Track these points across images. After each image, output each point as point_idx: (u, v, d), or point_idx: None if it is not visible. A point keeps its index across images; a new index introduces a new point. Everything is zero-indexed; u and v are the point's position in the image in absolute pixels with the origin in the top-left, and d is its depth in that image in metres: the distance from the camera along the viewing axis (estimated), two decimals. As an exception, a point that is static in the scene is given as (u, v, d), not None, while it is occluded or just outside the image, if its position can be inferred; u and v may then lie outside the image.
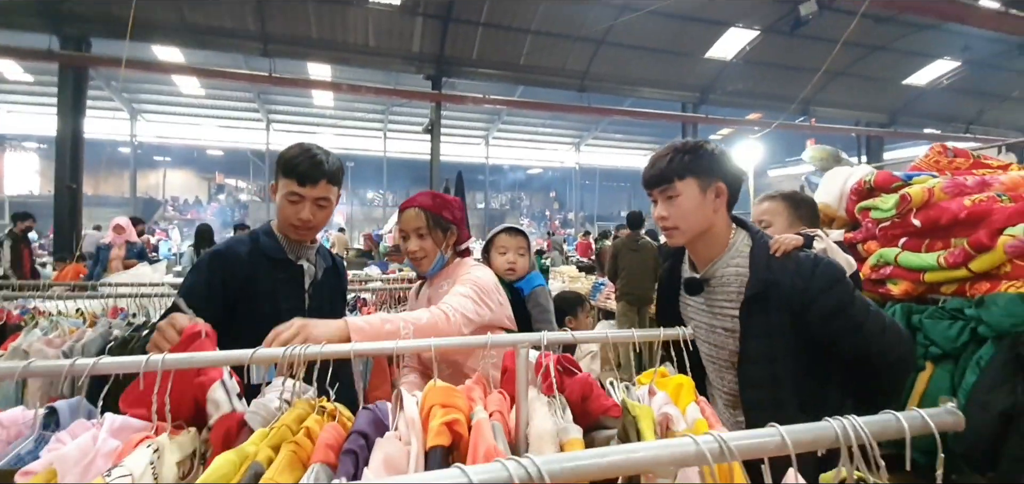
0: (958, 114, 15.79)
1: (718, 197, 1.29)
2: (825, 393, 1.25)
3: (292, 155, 1.46)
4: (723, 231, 1.33)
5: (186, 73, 12.20)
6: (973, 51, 12.50)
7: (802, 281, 1.20)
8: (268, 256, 1.49)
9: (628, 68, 12.18)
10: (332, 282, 1.66)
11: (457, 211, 1.70)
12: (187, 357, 0.82)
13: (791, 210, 1.82)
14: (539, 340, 0.96)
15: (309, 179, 1.44)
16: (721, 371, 1.37)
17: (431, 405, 0.84)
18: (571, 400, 0.99)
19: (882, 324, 1.21)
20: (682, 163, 1.27)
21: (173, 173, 25.13)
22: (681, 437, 0.53)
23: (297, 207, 1.46)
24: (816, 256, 1.25)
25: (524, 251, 2.02)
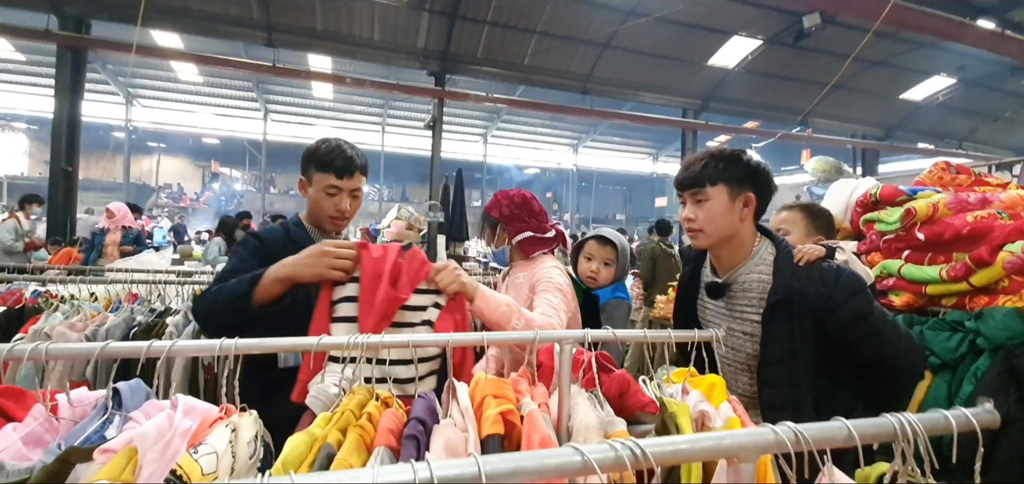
0: (952, 131, 16.02)
1: (746, 206, 1.35)
2: (838, 395, 1.32)
3: (327, 150, 1.52)
4: (748, 239, 1.39)
5: (187, 60, 12.10)
6: (968, 70, 12.70)
7: (826, 289, 1.26)
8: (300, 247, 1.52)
9: (631, 72, 12.25)
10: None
11: (505, 208, 1.79)
12: (257, 342, 0.85)
13: (808, 220, 1.88)
14: (583, 336, 1.01)
15: (346, 172, 1.51)
16: (735, 373, 1.42)
17: (484, 396, 0.88)
18: (609, 395, 1.04)
19: (898, 333, 1.29)
20: (717, 170, 1.32)
21: (167, 160, 24.89)
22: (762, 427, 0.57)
23: (335, 199, 1.52)
24: (838, 267, 1.32)
25: (611, 262, 2.02)
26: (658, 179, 27.78)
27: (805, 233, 1.84)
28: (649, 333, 1.09)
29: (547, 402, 0.95)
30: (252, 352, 0.82)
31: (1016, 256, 2.15)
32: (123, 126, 19.93)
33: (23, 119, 20.88)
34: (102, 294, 2.54)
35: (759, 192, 1.35)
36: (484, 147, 23.20)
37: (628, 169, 27.80)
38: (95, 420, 0.84)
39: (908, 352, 1.29)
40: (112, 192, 20.64)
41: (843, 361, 1.29)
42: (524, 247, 1.78)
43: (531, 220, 1.80)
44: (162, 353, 0.80)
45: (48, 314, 1.99)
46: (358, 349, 0.87)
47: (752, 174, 1.34)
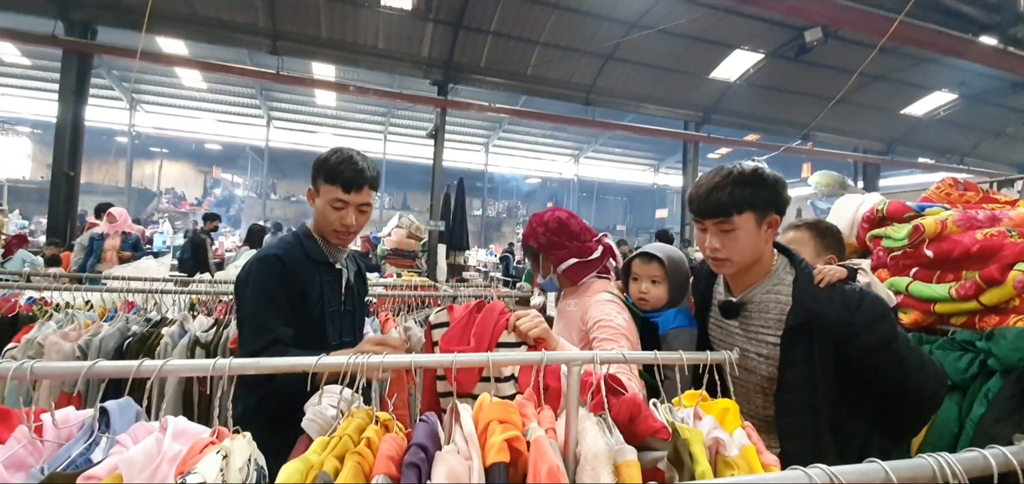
0: (953, 146, 16.02)
1: (771, 228, 1.29)
2: (855, 423, 1.26)
3: (336, 162, 1.47)
4: (768, 258, 1.34)
5: (193, 66, 12.13)
6: (970, 86, 12.72)
7: (848, 314, 1.20)
8: (314, 260, 1.51)
9: (634, 84, 12.27)
10: (360, 285, 1.70)
11: (542, 236, 1.70)
12: (253, 362, 0.81)
13: (817, 239, 1.81)
14: (592, 359, 0.97)
15: (354, 186, 1.47)
16: (749, 394, 1.37)
17: (488, 421, 0.84)
18: (618, 420, 1.00)
19: (921, 360, 1.24)
20: (743, 196, 1.23)
21: (169, 165, 24.94)
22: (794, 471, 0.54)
23: (341, 213, 1.48)
24: (862, 290, 1.26)
25: (659, 279, 1.79)
26: (659, 190, 27.76)
27: (815, 253, 1.76)
28: (660, 355, 1.05)
29: (554, 427, 0.91)
30: (247, 372, 0.78)
31: (1028, 275, 2.11)
32: (126, 131, 19.96)
33: (27, 123, 20.92)
34: (99, 302, 2.51)
35: (782, 211, 1.30)
36: (486, 156, 23.21)
37: (629, 180, 27.80)
38: (81, 442, 0.80)
39: (931, 380, 1.24)
40: (114, 196, 20.58)
41: (863, 388, 1.25)
42: (570, 275, 1.69)
43: (572, 244, 1.70)
44: (153, 373, 0.77)
45: (41, 323, 1.96)
46: (359, 369, 0.84)
47: (778, 195, 1.27)
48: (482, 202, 25.57)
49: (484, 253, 16.76)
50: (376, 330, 2.29)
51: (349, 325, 1.59)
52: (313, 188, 1.52)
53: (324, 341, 1.46)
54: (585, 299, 1.63)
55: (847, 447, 1.22)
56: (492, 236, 25.38)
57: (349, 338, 1.57)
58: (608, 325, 1.49)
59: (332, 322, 1.51)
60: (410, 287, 3.88)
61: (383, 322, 2.35)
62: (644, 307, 1.81)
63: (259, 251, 1.52)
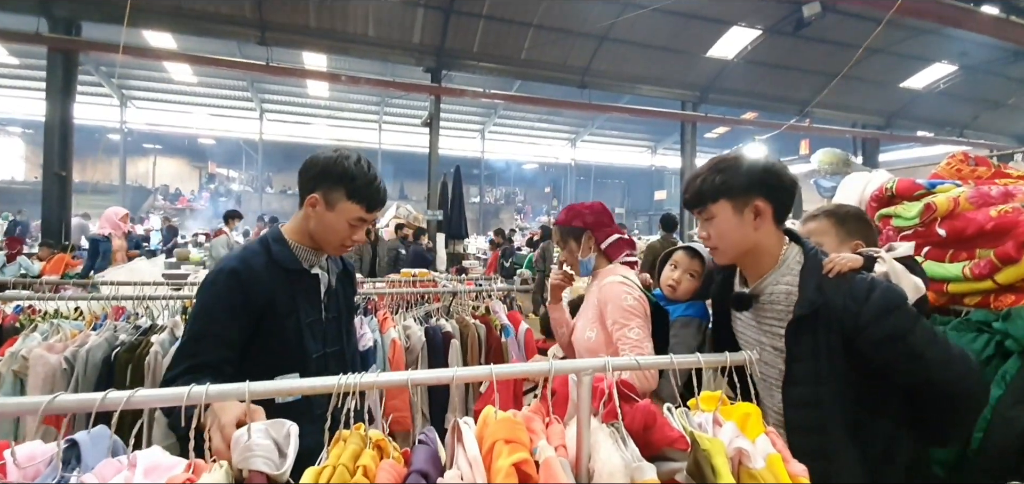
0: (952, 119, 15.89)
1: (758, 216, 1.24)
2: (877, 423, 1.20)
3: (363, 181, 1.37)
4: (772, 246, 1.28)
5: (180, 60, 11.95)
6: (970, 56, 12.57)
7: (855, 305, 1.13)
8: (284, 268, 1.38)
9: (629, 65, 12.11)
10: (345, 288, 1.57)
11: (589, 216, 1.80)
12: (233, 388, 0.74)
13: (838, 227, 1.67)
14: (604, 366, 0.90)
15: (377, 207, 1.40)
16: (771, 390, 1.31)
17: (494, 441, 0.78)
18: (632, 429, 0.93)
19: (947, 355, 1.14)
20: (714, 184, 1.24)
21: (164, 161, 24.72)
22: None
23: (358, 231, 1.40)
24: (873, 280, 1.17)
25: (696, 275, 1.90)
26: (657, 172, 27.62)
27: (838, 242, 1.63)
28: (676, 359, 0.98)
29: (564, 443, 0.84)
30: (224, 399, 0.71)
31: (1046, 252, 2.04)
32: (118, 128, 19.74)
33: (18, 123, 20.66)
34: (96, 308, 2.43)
35: (771, 196, 1.24)
36: (482, 143, 23.04)
37: (627, 163, 27.66)
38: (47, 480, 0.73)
39: (961, 377, 1.13)
40: (109, 195, 20.47)
41: (884, 385, 1.17)
42: (612, 251, 1.79)
43: (612, 227, 1.83)
44: (118, 406, 0.69)
45: (26, 334, 1.88)
46: (349, 389, 0.77)
47: (757, 181, 1.23)
48: (479, 189, 25.42)
49: (483, 240, 16.66)
50: (374, 330, 2.21)
51: (334, 334, 1.47)
52: (320, 196, 1.36)
53: (304, 355, 1.35)
54: (602, 277, 1.74)
55: (870, 446, 1.16)
56: (491, 223, 25.25)
57: (335, 348, 1.46)
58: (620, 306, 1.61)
59: (312, 333, 1.38)
60: (409, 281, 3.82)
61: (381, 321, 2.27)
62: (671, 296, 1.90)
63: (218, 262, 1.39)
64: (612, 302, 1.63)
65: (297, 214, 1.42)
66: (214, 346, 1.22)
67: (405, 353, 2.15)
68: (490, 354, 2.34)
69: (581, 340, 1.78)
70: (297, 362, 1.31)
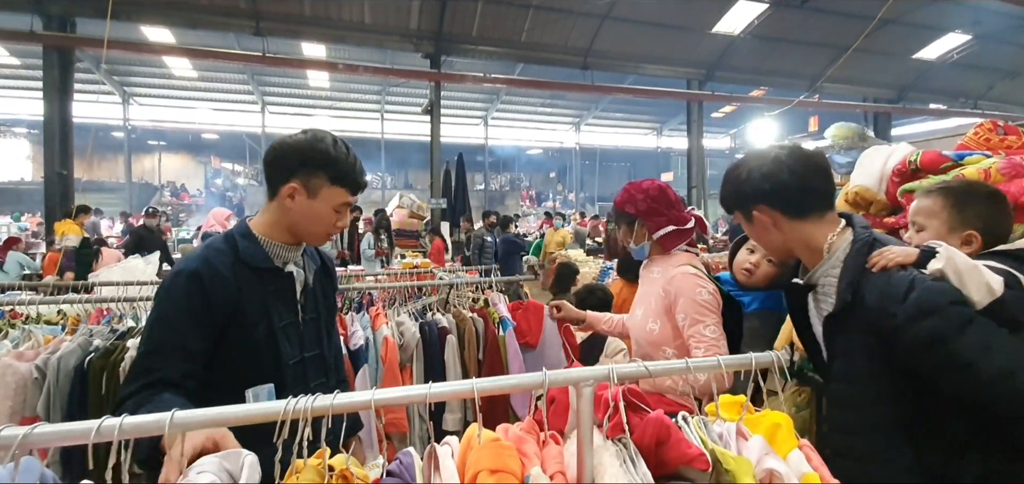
0: (967, 89, 15.48)
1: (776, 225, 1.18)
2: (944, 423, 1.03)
3: (346, 164, 1.25)
4: (810, 240, 1.17)
5: (174, 54, 11.81)
6: (984, 25, 12.18)
7: (891, 304, 1.00)
8: (252, 266, 1.23)
9: (632, 44, 11.84)
10: (324, 286, 1.43)
11: (641, 203, 1.69)
12: (155, 420, 0.62)
13: (953, 211, 1.36)
14: (607, 375, 0.76)
15: (361, 188, 1.30)
16: None
17: (477, 471, 0.65)
18: (643, 446, 0.80)
19: (1006, 367, 0.93)
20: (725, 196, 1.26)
21: (168, 157, 24.73)
22: None
23: (342, 217, 1.29)
24: (914, 277, 1.02)
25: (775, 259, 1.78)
26: (663, 154, 27.27)
27: (947, 228, 1.34)
28: (692, 363, 0.84)
29: (562, 469, 0.72)
30: (142, 435, 0.59)
31: (1088, 226, 1.88)
32: (121, 125, 19.72)
33: (23, 124, 20.68)
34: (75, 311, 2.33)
35: (769, 200, 1.16)
36: (485, 129, 22.80)
37: (632, 145, 27.32)
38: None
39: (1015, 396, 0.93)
40: (114, 193, 20.52)
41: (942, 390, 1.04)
42: (665, 242, 1.69)
43: (670, 211, 1.69)
44: (13, 443, 0.57)
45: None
46: (297, 416, 0.64)
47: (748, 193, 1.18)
48: (484, 176, 25.23)
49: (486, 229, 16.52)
50: (366, 326, 2.09)
51: (313, 337, 1.33)
52: (299, 184, 1.22)
53: (278, 362, 1.22)
54: (669, 267, 1.65)
55: (928, 456, 1.03)
56: (496, 210, 25.14)
57: (314, 351, 1.33)
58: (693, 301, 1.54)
59: (286, 337, 1.25)
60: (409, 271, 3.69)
61: (374, 317, 2.16)
62: (747, 281, 1.82)
63: (177, 263, 1.26)
64: (685, 296, 1.55)
65: (268, 206, 1.27)
66: (173, 360, 1.09)
67: (399, 351, 2.04)
68: (487, 349, 2.22)
69: (641, 332, 1.68)
70: (271, 370, 1.19)
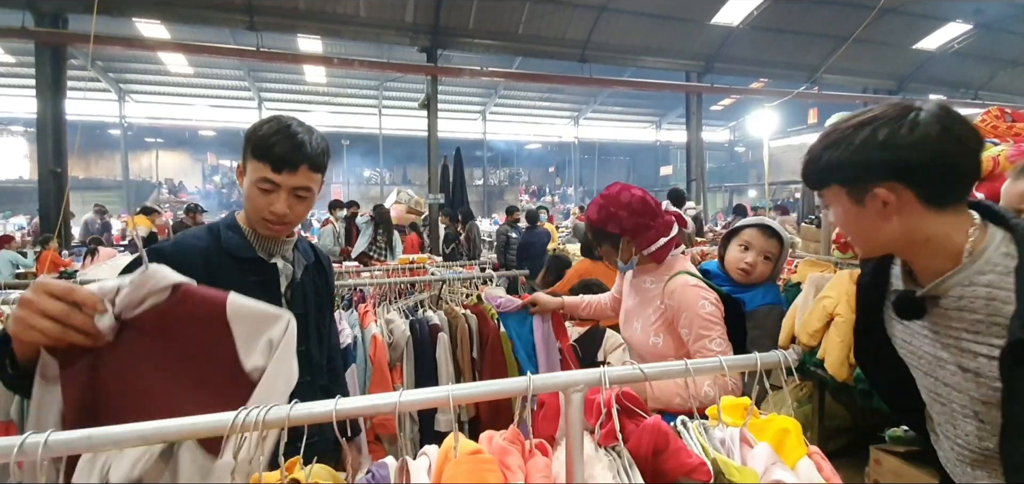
0: (968, 79, 15.37)
1: (888, 205, 0.86)
2: None
3: (266, 133, 1.17)
4: (942, 237, 0.88)
5: (168, 49, 11.73)
6: (985, 14, 12.08)
7: None
8: (232, 255, 1.22)
9: (630, 36, 11.74)
10: (315, 283, 1.39)
11: (626, 220, 1.53)
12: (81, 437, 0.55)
13: None
14: (599, 379, 0.70)
15: (287, 164, 1.16)
16: (953, 418, 0.97)
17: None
18: (639, 454, 0.73)
19: None
20: (821, 165, 0.91)
21: (166, 154, 24.61)
22: None
23: (270, 197, 1.18)
24: None
25: (772, 257, 1.76)
26: (662, 147, 27.17)
27: None
28: (692, 364, 0.78)
29: (550, 482, 0.65)
30: (70, 452, 0.53)
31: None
32: (118, 123, 19.62)
33: (20, 122, 20.55)
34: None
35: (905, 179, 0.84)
36: (483, 124, 22.69)
37: (631, 139, 27.21)
38: None
39: None
40: (112, 191, 20.45)
41: None
42: (656, 256, 1.58)
43: (656, 222, 1.56)
44: None
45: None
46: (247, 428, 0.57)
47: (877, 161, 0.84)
48: (483, 171, 25.14)
49: (488, 223, 16.47)
50: (354, 325, 2.03)
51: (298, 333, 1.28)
52: (241, 164, 1.24)
53: None
54: (663, 275, 1.56)
55: None
56: (495, 205, 25.02)
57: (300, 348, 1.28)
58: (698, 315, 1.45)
59: None
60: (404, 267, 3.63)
61: (362, 315, 2.10)
62: (742, 279, 1.76)
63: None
64: (688, 310, 1.46)
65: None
66: None
67: (388, 350, 1.98)
68: (486, 347, 2.16)
69: (643, 345, 1.57)
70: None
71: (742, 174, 25.43)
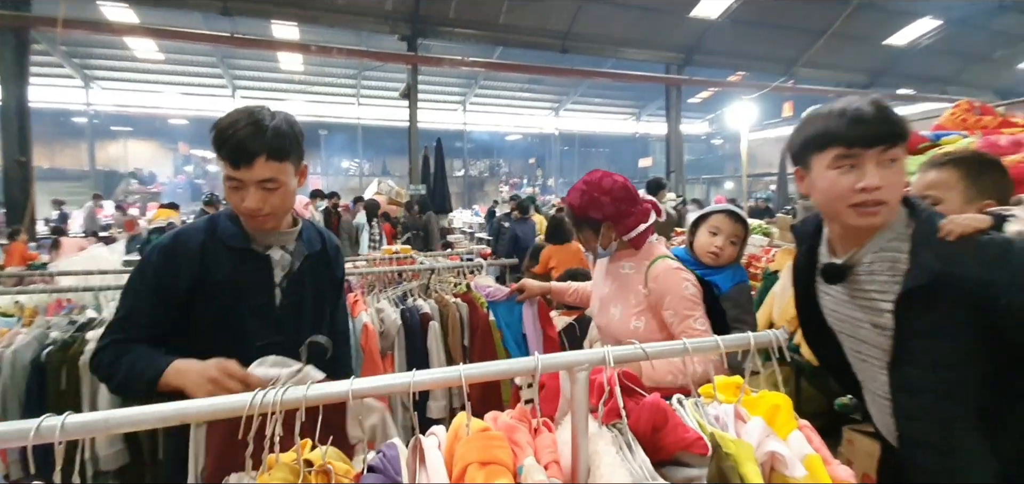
0: (937, 75, 15.87)
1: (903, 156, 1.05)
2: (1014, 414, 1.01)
3: (222, 127, 1.15)
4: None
5: (137, 34, 11.33)
6: (955, 10, 12.46)
7: (986, 272, 0.94)
8: (227, 245, 1.24)
9: (611, 27, 11.80)
10: (319, 272, 1.37)
11: (608, 206, 1.56)
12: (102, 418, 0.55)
13: (968, 181, 1.37)
14: (603, 358, 0.72)
15: (243, 159, 1.13)
16: (873, 371, 1.15)
17: (466, 464, 0.60)
18: (640, 431, 0.76)
19: None
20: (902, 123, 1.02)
21: (135, 144, 23.85)
22: None
23: (239, 194, 1.17)
24: (1008, 241, 0.98)
25: (738, 241, 1.86)
26: (641, 139, 27.39)
27: (964, 200, 1.35)
28: (690, 343, 0.81)
29: (557, 459, 0.68)
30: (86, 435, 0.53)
31: (1063, 203, 1.92)
32: (84, 111, 18.92)
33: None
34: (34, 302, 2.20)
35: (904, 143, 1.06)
36: (463, 115, 22.56)
37: (611, 130, 27.38)
38: None
39: None
40: (79, 181, 19.74)
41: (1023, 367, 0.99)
42: (636, 242, 1.61)
43: (636, 208, 1.60)
44: None
45: (-54, 336, 1.66)
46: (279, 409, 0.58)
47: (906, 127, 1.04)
48: (463, 162, 25.03)
49: (469, 214, 16.42)
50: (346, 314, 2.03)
51: (290, 321, 1.29)
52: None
53: (244, 341, 1.20)
54: (643, 262, 1.59)
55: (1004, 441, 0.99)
56: (476, 196, 24.96)
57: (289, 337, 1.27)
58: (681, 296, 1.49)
59: (258, 319, 1.24)
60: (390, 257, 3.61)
61: (352, 304, 2.09)
62: (712, 262, 1.84)
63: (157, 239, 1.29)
64: (672, 293, 1.50)
65: None
66: (140, 326, 1.18)
67: (379, 339, 1.98)
68: (475, 335, 2.17)
69: (623, 330, 1.58)
70: (236, 348, 1.14)
71: (719, 166, 25.83)
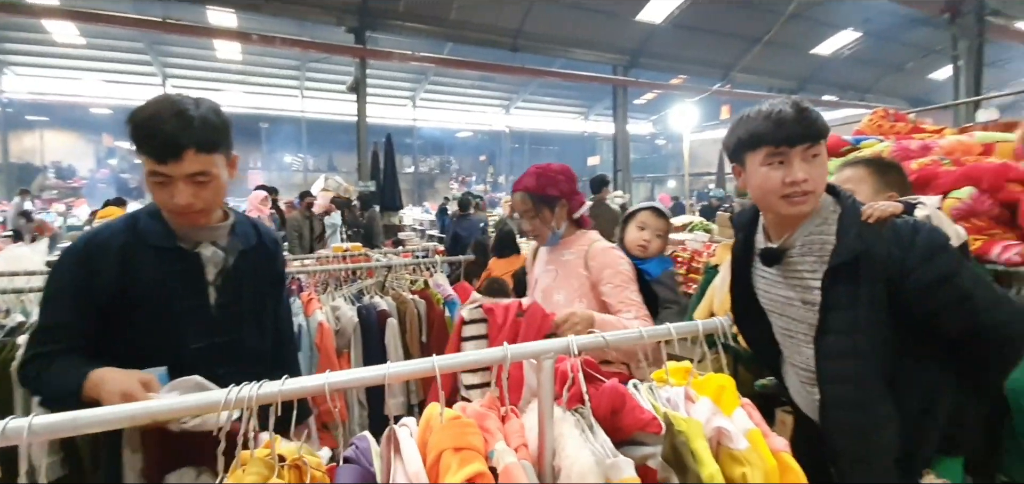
0: (857, 83, 17.14)
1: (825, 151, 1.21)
2: (921, 371, 1.16)
3: (141, 120, 1.07)
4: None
5: (55, 16, 10.43)
6: (874, 23, 13.47)
7: (900, 250, 1.09)
8: (151, 245, 1.14)
9: (561, 27, 11.99)
10: (257, 268, 1.29)
11: (564, 184, 1.73)
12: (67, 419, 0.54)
13: (877, 177, 1.65)
14: (568, 348, 0.77)
15: (169, 153, 1.06)
16: (798, 346, 1.28)
17: (441, 451, 0.63)
18: (600, 414, 0.81)
19: (994, 296, 1.11)
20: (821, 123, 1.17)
21: (52, 135, 21.95)
22: None
23: (167, 190, 1.09)
24: (916, 223, 1.14)
25: (662, 235, 2.03)
26: (589, 138, 27.95)
27: (874, 192, 1.60)
28: (646, 331, 0.87)
29: (525, 442, 0.71)
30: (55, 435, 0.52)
31: (962, 203, 2.15)
32: (-8, 99, 17.25)
33: None
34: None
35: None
36: (413, 110, 22.25)
37: (560, 129, 27.79)
38: None
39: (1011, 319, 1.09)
40: (-9, 174, 18.00)
41: (925, 335, 1.14)
42: (583, 221, 1.79)
43: (578, 190, 1.78)
44: None
45: None
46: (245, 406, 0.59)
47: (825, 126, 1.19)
48: (413, 159, 24.69)
49: (420, 211, 16.23)
50: (298, 312, 1.98)
51: (228, 322, 1.23)
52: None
53: (178, 346, 1.14)
54: (582, 245, 1.73)
55: (909, 399, 1.13)
56: (426, 193, 24.69)
57: (228, 337, 1.22)
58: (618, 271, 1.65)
59: (192, 321, 1.17)
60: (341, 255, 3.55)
61: (306, 302, 2.05)
62: (641, 255, 1.99)
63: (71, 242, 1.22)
64: (610, 267, 1.65)
65: None
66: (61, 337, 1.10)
67: (335, 336, 1.95)
68: (433, 331, 2.18)
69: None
70: (169, 353, 1.10)
71: (663, 165, 26.76)
